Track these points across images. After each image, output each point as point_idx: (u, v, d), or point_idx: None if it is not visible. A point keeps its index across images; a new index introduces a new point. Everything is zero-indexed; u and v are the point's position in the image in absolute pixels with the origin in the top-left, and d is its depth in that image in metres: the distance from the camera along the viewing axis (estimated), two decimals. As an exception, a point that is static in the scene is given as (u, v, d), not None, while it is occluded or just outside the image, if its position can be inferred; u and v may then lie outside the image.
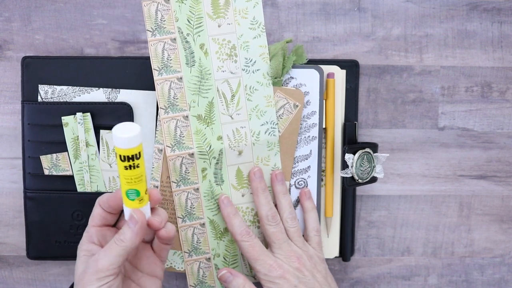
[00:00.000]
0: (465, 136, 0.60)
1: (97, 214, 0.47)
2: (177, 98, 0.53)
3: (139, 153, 0.43)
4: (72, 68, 0.55)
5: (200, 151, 0.54)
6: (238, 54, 0.53)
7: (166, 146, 0.53)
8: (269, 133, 0.54)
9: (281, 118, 0.55)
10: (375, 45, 0.59)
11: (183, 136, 0.53)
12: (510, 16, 0.59)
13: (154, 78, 0.52)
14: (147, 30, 0.52)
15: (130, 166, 0.43)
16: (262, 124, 0.54)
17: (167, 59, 0.52)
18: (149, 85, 0.55)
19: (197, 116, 0.53)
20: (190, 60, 0.53)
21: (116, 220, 0.49)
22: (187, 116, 0.53)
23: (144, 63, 0.55)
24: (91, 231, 0.47)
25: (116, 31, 0.57)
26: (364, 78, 0.59)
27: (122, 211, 0.48)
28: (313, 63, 0.56)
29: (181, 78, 0.53)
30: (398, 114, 0.60)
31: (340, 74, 0.56)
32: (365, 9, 0.58)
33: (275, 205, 0.55)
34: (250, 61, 0.54)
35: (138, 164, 0.43)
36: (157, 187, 0.55)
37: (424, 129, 0.60)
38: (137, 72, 0.55)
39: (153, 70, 0.52)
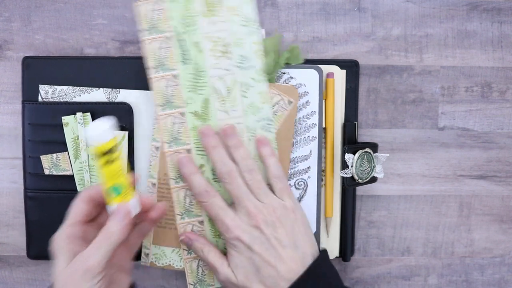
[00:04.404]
0: (465, 136, 0.60)
1: (82, 209, 0.46)
2: (173, 96, 0.53)
3: (114, 146, 0.43)
4: (72, 68, 0.55)
5: (197, 147, 0.54)
6: (232, 51, 0.54)
7: (164, 142, 0.54)
8: (265, 129, 0.55)
9: (275, 114, 0.55)
10: (375, 45, 0.59)
11: (180, 132, 0.54)
12: (510, 16, 0.59)
13: (150, 76, 0.53)
14: (142, 29, 0.52)
15: (107, 162, 0.43)
16: (258, 121, 0.54)
17: (162, 57, 0.53)
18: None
19: (194, 112, 0.54)
20: (185, 58, 0.53)
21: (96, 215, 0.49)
22: (183, 113, 0.54)
23: (144, 63, 0.55)
24: (75, 229, 0.46)
25: (116, 31, 0.58)
26: (364, 78, 0.59)
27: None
28: (313, 63, 0.56)
29: (176, 75, 0.53)
30: (398, 114, 0.60)
31: (340, 74, 0.56)
32: (365, 9, 0.58)
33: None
34: (244, 58, 0.54)
35: (115, 158, 0.44)
36: (154, 184, 0.55)
37: (424, 129, 0.60)
38: (137, 72, 0.55)
39: (149, 68, 0.53)
